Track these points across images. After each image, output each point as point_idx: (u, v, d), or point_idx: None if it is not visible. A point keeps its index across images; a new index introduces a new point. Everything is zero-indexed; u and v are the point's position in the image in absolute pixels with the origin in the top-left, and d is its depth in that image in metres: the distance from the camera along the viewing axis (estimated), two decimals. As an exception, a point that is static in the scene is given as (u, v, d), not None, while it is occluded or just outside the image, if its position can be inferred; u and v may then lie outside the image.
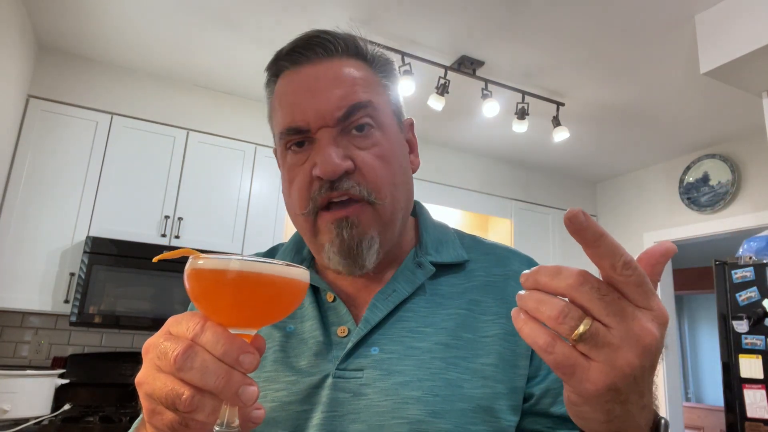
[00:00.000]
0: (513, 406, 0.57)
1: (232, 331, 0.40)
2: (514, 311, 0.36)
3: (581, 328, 0.32)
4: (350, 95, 0.59)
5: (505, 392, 0.57)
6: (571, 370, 0.33)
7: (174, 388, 0.37)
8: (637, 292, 0.33)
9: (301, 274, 0.42)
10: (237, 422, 0.40)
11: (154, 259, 0.44)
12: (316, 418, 0.55)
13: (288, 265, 0.41)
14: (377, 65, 0.65)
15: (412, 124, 0.70)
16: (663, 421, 0.40)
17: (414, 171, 0.68)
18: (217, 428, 0.39)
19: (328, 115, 0.58)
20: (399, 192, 0.62)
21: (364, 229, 0.58)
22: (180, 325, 0.40)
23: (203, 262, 0.39)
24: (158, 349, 0.39)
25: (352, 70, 0.62)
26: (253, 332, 0.42)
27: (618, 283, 0.33)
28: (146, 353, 0.41)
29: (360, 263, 0.59)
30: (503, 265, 0.67)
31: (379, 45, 0.67)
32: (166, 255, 0.43)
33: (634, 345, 0.32)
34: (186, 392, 0.37)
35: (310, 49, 0.62)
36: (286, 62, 0.64)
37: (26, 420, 2.11)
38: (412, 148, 0.69)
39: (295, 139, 0.60)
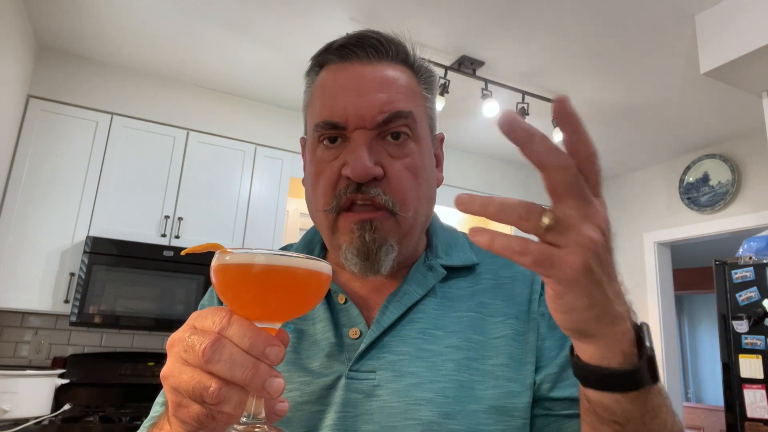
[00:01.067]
0: (529, 403, 0.58)
1: (258, 324, 0.40)
2: (474, 230, 0.37)
3: (546, 220, 0.35)
4: (393, 102, 0.59)
5: (520, 390, 0.58)
6: (549, 262, 0.35)
7: (201, 381, 0.38)
8: (596, 181, 0.39)
9: (324, 267, 0.43)
10: (263, 414, 0.41)
11: (182, 253, 0.46)
12: (330, 418, 0.56)
13: (311, 258, 0.42)
14: (422, 76, 0.66)
15: (442, 139, 0.71)
16: (644, 324, 0.43)
17: (437, 186, 0.68)
18: (243, 419, 0.40)
19: (368, 118, 0.58)
20: (422, 206, 0.62)
21: (384, 235, 0.59)
22: (206, 320, 0.40)
23: (229, 257, 0.40)
24: (185, 343, 0.39)
25: (399, 76, 0.62)
26: (277, 326, 0.43)
27: (586, 171, 0.38)
28: (171, 347, 0.41)
29: (376, 267, 0.60)
30: (510, 267, 0.67)
31: None
32: (193, 249, 0.44)
33: (591, 223, 0.36)
34: (213, 384, 0.37)
35: (362, 48, 0.61)
36: (335, 56, 0.63)
37: (26, 420, 2.11)
38: (438, 162, 0.69)
39: (329, 134, 0.60)
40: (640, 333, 0.42)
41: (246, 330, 0.39)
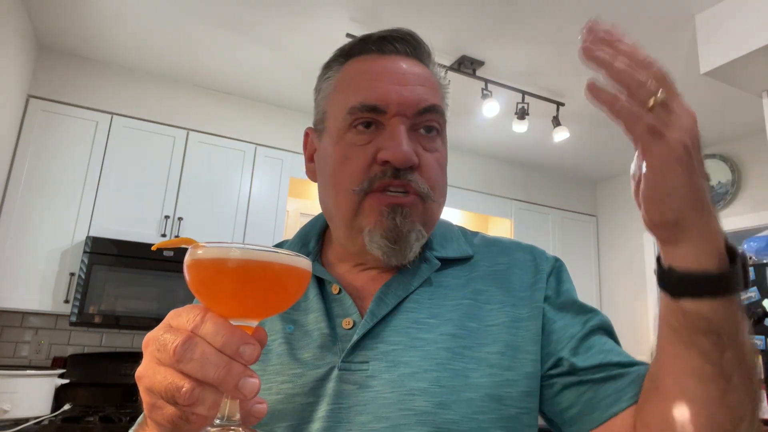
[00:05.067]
0: (525, 392, 0.57)
1: (233, 322, 0.39)
2: (595, 86, 0.41)
3: (661, 95, 0.40)
4: (432, 96, 0.62)
5: (516, 379, 0.57)
6: (660, 133, 0.40)
7: (174, 381, 0.37)
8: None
9: (303, 262, 0.41)
10: (238, 416, 0.39)
11: (153, 247, 0.44)
12: (322, 410, 0.56)
13: (290, 253, 0.40)
14: (442, 85, 0.68)
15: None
16: (741, 249, 0.44)
17: None
18: (217, 422, 0.38)
19: (410, 106, 0.60)
20: (444, 200, 0.65)
21: (414, 221, 0.59)
22: (180, 318, 0.39)
23: (203, 251, 0.39)
24: (158, 342, 0.38)
25: (430, 76, 0.65)
26: (254, 323, 0.41)
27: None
28: (146, 347, 0.41)
29: (404, 253, 0.59)
30: (507, 255, 0.68)
31: None
32: (164, 243, 0.42)
33: (689, 115, 0.41)
34: (186, 385, 0.36)
35: (400, 42, 0.64)
36: (373, 46, 0.64)
37: (26, 420, 2.11)
38: None
39: (365, 117, 0.60)
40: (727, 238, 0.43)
41: (220, 328, 0.37)
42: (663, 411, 0.47)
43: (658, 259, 0.46)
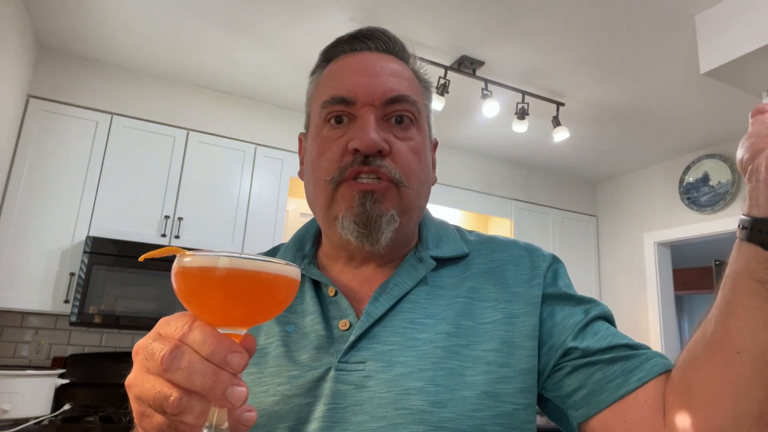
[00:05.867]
0: (522, 389, 0.58)
1: (221, 330, 0.39)
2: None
3: None
4: (402, 87, 0.63)
5: (512, 375, 0.57)
6: None
7: (162, 390, 0.37)
8: None
9: (292, 270, 0.41)
10: (226, 425, 0.39)
11: (140, 258, 0.44)
12: (319, 410, 0.56)
13: (278, 261, 0.40)
14: (421, 81, 0.69)
15: (436, 145, 0.74)
16: None
17: (431, 184, 0.70)
18: (205, 430, 0.38)
19: (377, 96, 0.61)
20: (423, 190, 0.64)
21: (386, 206, 0.60)
22: (169, 326, 0.40)
23: (190, 259, 0.39)
24: (147, 351, 0.39)
25: (404, 71, 0.66)
26: (242, 332, 0.41)
27: None
28: (136, 355, 0.41)
29: (375, 237, 0.60)
30: (502, 251, 0.68)
31: None
32: (152, 254, 0.42)
33: None
34: (174, 394, 0.36)
35: (372, 40, 0.66)
36: (346, 46, 0.66)
37: (26, 420, 2.11)
38: (433, 165, 0.72)
39: (336, 110, 0.62)
40: None
41: (207, 336, 0.37)
42: (728, 366, 0.47)
43: (746, 216, 0.48)
